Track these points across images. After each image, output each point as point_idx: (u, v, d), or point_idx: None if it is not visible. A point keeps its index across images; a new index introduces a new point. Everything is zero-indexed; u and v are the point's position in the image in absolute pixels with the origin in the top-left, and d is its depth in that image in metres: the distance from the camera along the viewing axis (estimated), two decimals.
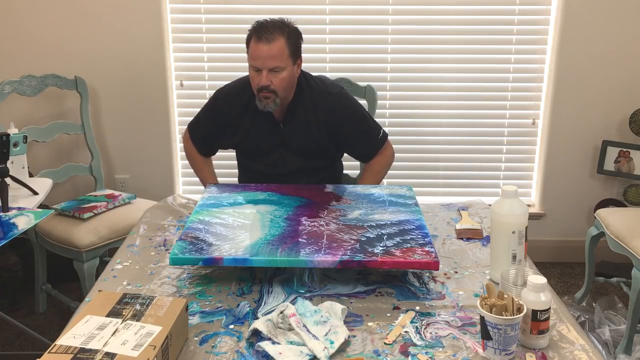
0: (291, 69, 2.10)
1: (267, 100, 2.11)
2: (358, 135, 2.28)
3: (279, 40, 2.04)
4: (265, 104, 2.12)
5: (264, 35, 2.04)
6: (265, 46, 2.03)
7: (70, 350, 1.19)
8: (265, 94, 2.10)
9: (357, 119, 2.27)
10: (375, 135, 2.30)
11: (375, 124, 2.32)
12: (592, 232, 2.78)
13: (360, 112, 2.29)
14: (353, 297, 1.57)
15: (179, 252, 1.61)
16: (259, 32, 2.05)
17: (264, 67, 2.06)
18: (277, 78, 2.08)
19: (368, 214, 1.86)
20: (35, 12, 3.04)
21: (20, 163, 2.32)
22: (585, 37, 3.06)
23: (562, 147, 3.22)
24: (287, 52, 2.07)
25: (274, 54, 2.04)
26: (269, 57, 2.04)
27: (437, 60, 3.16)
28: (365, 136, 2.29)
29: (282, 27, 2.07)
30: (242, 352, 1.35)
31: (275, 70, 2.06)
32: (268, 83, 2.07)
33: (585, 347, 1.36)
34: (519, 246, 1.57)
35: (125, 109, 3.18)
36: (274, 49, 2.04)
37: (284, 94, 2.14)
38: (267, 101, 2.11)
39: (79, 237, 2.52)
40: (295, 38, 2.11)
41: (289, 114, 2.21)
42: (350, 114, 2.25)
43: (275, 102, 2.12)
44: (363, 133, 2.29)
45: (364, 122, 2.28)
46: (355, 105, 2.29)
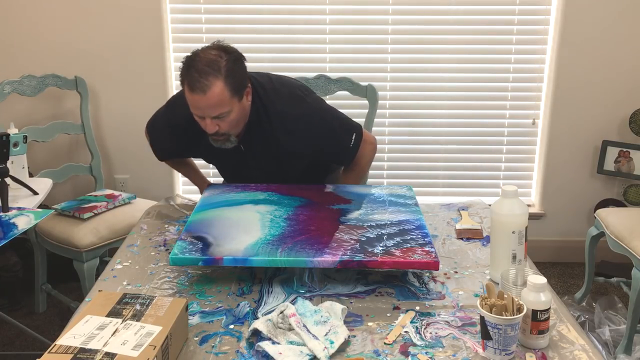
0: (238, 107, 1.85)
1: (221, 142, 1.93)
2: (327, 150, 2.07)
3: (216, 85, 1.76)
4: (220, 144, 1.94)
5: (195, 85, 1.76)
6: (200, 97, 1.77)
7: (70, 350, 1.19)
8: (215, 137, 1.91)
9: (324, 135, 2.01)
10: (347, 145, 2.05)
11: (345, 132, 2.06)
12: (592, 232, 2.78)
13: (326, 126, 2.02)
14: (353, 297, 1.57)
15: (179, 252, 1.62)
16: (189, 78, 1.77)
17: (206, 115, 1.82)
18: (225, 122, 1.84)
19: (368, 214, 1.86)
20: (35, 12, 3.04)
21: (20, 163, 2.32)
22: (585, 37, 3.06)
23: (562, 147, 3.22)
24: (228, 95, 1.79)
25: (214, 102, 1.78)
26: (208, 107, 1.79)
27: (437, 60, 3.16)
28: (335, 148, 2.07)
29: (215, 66, 1.77)
30: (242, 352, 1.35)
31: (220, 116, 1.82)
32: (215, 129, 1.85)
33: (585, 347, 1.36)
34: (519, 246, 1.57)
35: (125, 109, 3.18)
36: (212, 98, 1.77)
37: (238, 130, 1.92)
38: (221, 142, 1.93)
39: (79, 237, 2.52)
40: (236, 71, 1.82)
41: (248, 135, 1.99)
42: (314, 133, 1.99)
43: (231, 141, 1.93)
44: (332, 146, 2.06)
45: (331, 134, 2.03)
46: (322, 117, 2.02)
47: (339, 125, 2.07)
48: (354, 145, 2.07)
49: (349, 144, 2.07)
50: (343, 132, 2.07)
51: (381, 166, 3.30)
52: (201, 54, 1.81)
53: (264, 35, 3.13)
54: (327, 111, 2.07)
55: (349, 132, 2.07)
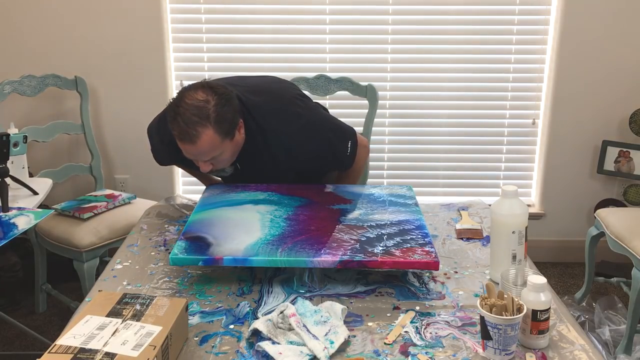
0: (231, 145, 1.82)
1: (215, 173, 2.00)
2: (324, 162, 2.06)
3: (205, 134, 1.72)
4: (215, 174, 2.03)
5: (184, 136, 1.72)
6: (190, 146, 1.74)
7: (70, 350, 1.19)
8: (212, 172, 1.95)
9: (320, 148, 1.99)
10: (344, 153, 2.05)
11: (340, 140, 2.03)
12: (592, 232, 2.78)
13: (322, 138, 1.98)
14: (353, 297, 1.57)
15: (179, 252, 1.62)
16: (178, 131, 1.72)
17: (200, 160, 1.82)
18: (218, 161, 1.83)
19: (368, 214, 1.86)
20: (35, 12, 3.04)
21: (20, 163, 2.32)
22: (585, 37, 3.06)
23: (562, 147, 3.22)
24: (219, 139, 1.75)
25: (205, 150, 1.76)
26: (200, 154, 1.78)
27: (437, 60, 3.16)
28: (332, 159, 2.06)
29: (203, 114, 1.71)
30: (242, 352, 1.35)
31: (212, 159, 1.82)
32: (209, 168, 1.84)
33: (585, 347, 1.36)
34: (519, 246, 1.57)
35: (125, 109, 3.18)
36: (202, 146, 1.74)
37: (231, 161, 1.90)
38: (215, 173, 2.01)
39: (79, 237, 2.52)
40: (224, 115, 1.75)
41: (243, 155, 1.94)
42: (311, 149, 1.97)
43: (226, 171, 1.97)
44: (329, 158, 2.05)
45: (328, 146, 2.01)
46: (319, 131, 1.98)
47: (334, 136, 2.03)
48: (350, 153, 2.07)
49: (346, 152, 2.06)
50: (339, 142, 2.04)
51: (381, 166, 3.30)
52: (188, 100, 1.73)
53: (264, 35, 3.13)
54: (323, 122, 2.03)
55: (345, 141, 2.05)
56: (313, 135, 1.97)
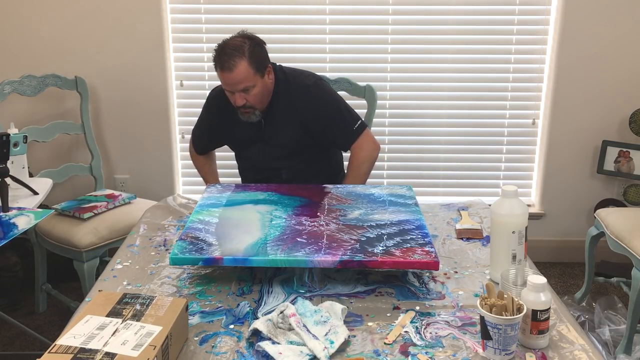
0: (261, 82, 2.18)
1: (247, 114, 2.22)
2: (332, 125, 2.30)
3: (241, 64, 2.10)
4: (247, 117, 2.24)
5: (225, 65, 2.10)
6: (228, 74, 2.11)
7: (70, 350, 1.19)
8: (243, 110, 2.21)
9: (331, 109, 2.29)
10: (350, 125, 2.31)
11: (351, 115, 2.33)
12: (592, 232, 2.78)
13: (334, 102, 2.31)
14: (353, 297, 1.57)
15: (179, 252, 1.62)
16: (220, 60, 2.12)
17: (234, 90, 2.15)
18: (251, 95, 2.16)
19: (368, 214, 1.86)
20: (35, 12, 3.04)
21: (20, 163, 2.32)
22: (585, 37, 3.06)
23: (562, 147, 3.22)
24: (252, 71, 2.13)
25: (240, 78, 2.12)
26: (235, 83, 2.13)
27: (437, 60, 3.16)
28: (339, 126, 2.31)
29: (240, 49, 2.11)
30: (242, 352, 1.35)
31: (246, 89, 2.15)
32: (243, 102, 2.17)
33: (585, 347, 1.36)
34: (519, 246, 1.57)
35: (125, 109, 3.18)
36: (238, 74, 2.11)
37: (262, 105, 2.23)
38: (247, 115, 2.23)
39: (79, 237, 2.52)
40: (257, 53, 2.15)
41: (270, 112, 2.28)
42: (323, 104, 2.29)
43: (256, 114, 2.23)
44: (336, 123, 2.30)
45: (337, 112, 2.30)
46: (329, 95, 2.32)
47: (346, 109, 2.33)
48: (357, 129, 2.31)
49: (352, 127, 2.31)
50: (349, 114, 2.32)
51: (381, 166, 3.30)
52: (229, 41, 2.16)
53: (264, 35, 3.08)
54: (337, 95, 2.36)
55: (355, 118, 2.33)
56: (326, 95, 2.31)
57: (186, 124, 3.23)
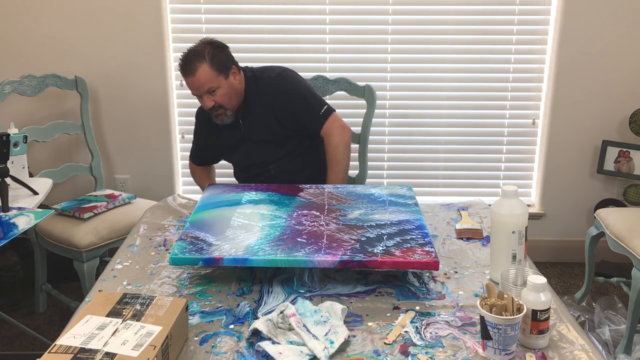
0: (226, 83, 2.24)
1: (220, 116, 2.29)
2: (298, 111, 2.34)
3: (201, 68, 2.18)
4: (221, 120, 2.30)
5: (187, 70, 2.19)
6: (191, 78, 2.20)
7: (70, 350, 1.19)
8: (215, 112, 2.27)
9: (296, 96, 2.34)
10: (317, 110, 2.35)
11: (316, 101, 2.38)
12: (592, 232, 2.78)
13: (299, 89, 2.37)
14: (353, 297, 1.57)
15: (179, 252, 1.62)
16: (182, 67, 2.21)
17: (200, 93, 2.23)
18: (217, 96, 2.23)
19: (368, 214, 1.86)
20: (35, 12, 3.04)
21: (20, 163, 2.32)
22: (585, 37, 3.06)
23: (562, 147, 3.22)
24: (214, 73, 2.20)
25: (202, 81, 2.19)
26: (199, 86, 2.21)
27: (437, 60, 3.16)
28: (305, 111, 2.35)
29: (200, 54, 2.20)
30: (242, 352, 1.35)
31: (212, 91, 2.22)
32: (212, 103, 2.24)
33: (585, 347, 1.36)
34: (519, 246, 1.57)
35: (125, 109, 3.18)
36: (200, 77, 2.19)
37: (232, 105, 2.29)
38: (220, 117, 2.29)
39: (79, 237, 2.52)
40: (218, 56, 2.22)
41: (246, 111, 2.35)
42: (288, 92, 2.34)
43: (228, 115, 2.30)
44: (303, 109, 2.35)
45: (302, 98, 2.35)
46: (294, 83, 2.38)
47: (312, 95, 2.39)
48: (323, 113, 2.36)
49: (319, 112, 2.36)
50: (314, 100, 2.38)
51: (381, 166, 3.30)
52: (190, 48, 2.24)
53: (264, 35, 3.13)
54: (303, 83, 2.42)
55: (321, 103, 2.38)
56: (291, 84, 2.37)
57: (186, 124, 3.23)
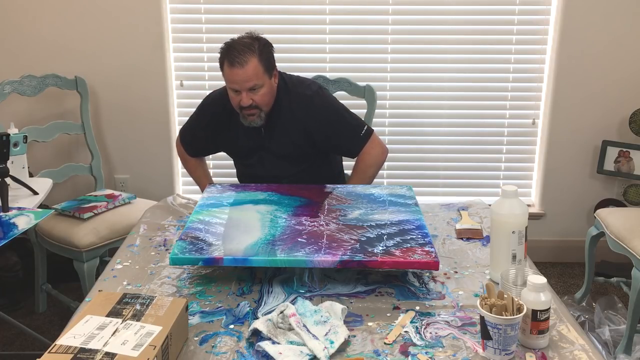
0: (269, 83, 2.14)
1: (252, 117, 2.16)
2: (338, 134, 2.27)
3: (252, 61, 2.06)
4: (250, 121, 2.17)
5: (236, 60, 2.06)
6: (239, 70, 2.06)
7: (70, 350, 1.19)
8: (248, 111, 2.14)
9: (335, 118, 2.26)
10: (357, 132, 2.27)
11: (356, 121, 2.30)
12: (592, 232, 2.78)
13: (338, 111, 2.28)
14: (353, 297, 1.57)
15: (179, 252, 1.62)
16: (230, 56, 2.07)
17: (242, 89, 2.10)
18: (258, 95, 2.12)
19: (368, 214, 1.86)
20: (35, 12, 3.04)
21: (20, 163, 2.32)
22: (585, 37, 3.06)
23: (562, 147, 3.22)
24: (261, 69, 2.09)
25: (250, 75, 2.07)
26: (245, 80, 2.08)
27: (437, 60, 3.16)
28: (345, 134, 2.27)
29: (251, 46, 2.08)
30: (242, 352, 1.35)
31: (254, 88, 2.10)
32: (250, 102, 2.11)
33: (585, 347, 1.36)
34: (519, 246, 1.57)
35: (125, 109, 3.18)
36: (249, 71, 2.06)
37: (267, 108, 2.18)
38: (252, 117, 2.16)
39: (79, 237, 2.52)
40: (267, 53, 2.12)
41: (270, 119, 2.22)
42: (326, 113, 2.25)
43: (261, 117, 2.17)
44: (342, 131, 2.27)
45: (342, 120, 2.27)
46: (332, 104, 2.29)
47: (351, 116, 2.30)
48: (364, 135, 2.27)
49: (359, 133, 2.27)
50: (354, 121, 2.30)
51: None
52: (237, 40, 2.12)
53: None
54: (339, 103, 2.33)
55: (360, 125, 2.29)
56: (329, 104, 2.28)
57: None
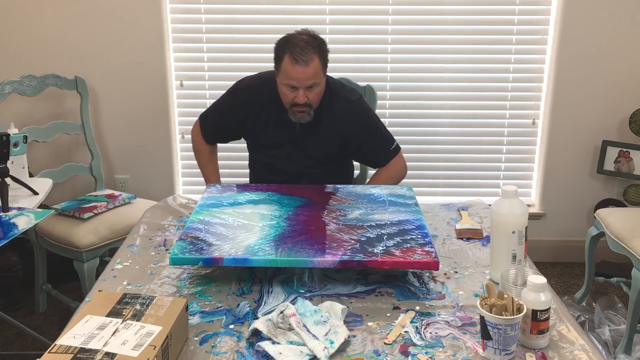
0: (323, 81, 2.16)
1: (302, 114, 2.17)
2: (371, 143, 2.31)
3: (315, 59, 2.07)
4: (299, 117, 2.18)
5: (300, 58, 2.05)
6: (302, 68, 2.06)
7: (70, 350, 1.19)
8: (300, 108, 2.15)
9: (372, 128, 2.30)
10: (388, 146, 2.32)
11: (389, 135, 2.34)
12: (592, 232, 2.78)
13: (376, 122, 2.32)
14: (353, 297, 1.57)
15: (179, 252, 1.62)
16: (294, 53, 2.06)
17: (302, 86, 2.10)
18: (313, 93, 2.13)
19: (368, 214, 1.86)
20: (35, 12, 3.04)
21: (20, 163, 2.32)
22: (585, 37, 3.06)
23: (562, 147, 3.22)
24: (320, 68, 2.11)
25: (311, 74, 2.08)
26: (307, 78, 2.08)
27: (437, 60, 3.16)
28: (377, 145, 2.32)
29: (314, 44, 2.08)
30: (242, 352, 1.35)
31: (311, 86, 2.11)
32: (305, 100, 2.12)
33: (585, 347, 1.36)
34: (519, 246, 1.57)
35: (125, 109, 3.18)
36: (312, 69, 2.07)
37: (316, 105, 2.19)
38: (301, 114, 2.17)
39: (79, 237, 2.52)
40: (325, 52, 2.14)
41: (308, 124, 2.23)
42: (365, 121, 2.29)
43: (310, 114, 2.18)
44: (375, 142, 2.31)
45: (378, 131, 2.31)
46: (372, 114, 2.34)
47: (385, 129, 2.35)
48: (393, 150, 2.33)
49: (390, 147, 2.32)
50: (387, 134, 2.34)
51: None
52: (297, 36, 2.11)
53: (264, 35, 3.13)
54: (377, 116, 2.38)
55: (392, 139, 2.35)
56: (369, 114, 2.33)
57: (186, 124, 3.23)
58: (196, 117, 2.48)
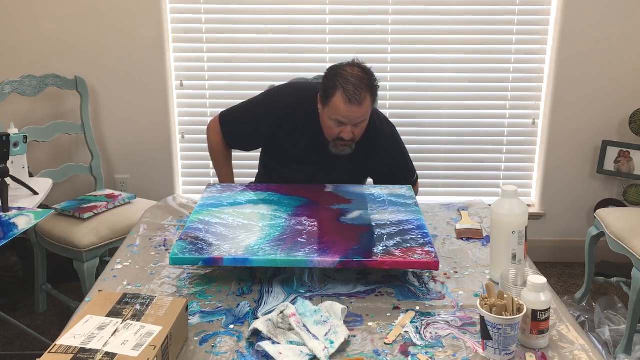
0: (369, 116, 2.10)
1: (344, 147, 2.12)
2: (395, 175, 2.27)
3: (367, 99, 2.00)
4: (341, 150, 2.13)
5: (354, 98, 1.97)
6: (356, 108, 1.99)
7: (70, 350, 1.19)
8: (344, 142, 2.09)
9: (401, 163, 2.31)
10: (410, 177, 2.32)
11: (412, 168, 2.35)
12: (592, 232, 2.78)
13: (405, 154, 2.33)
14: (353, 297, 1.57)
15: (179, 252, 1.62)
16: (347, 92, 1.97)
17: (352, 123, 2.03)
18: (359, 129, 2.07)
19: (368, 214, 1.86)
20: (35, 12, 3.04)
21: (20, 163, 2.32)
22: (585, 37, 3.06)
23: (562, 147, 3.22)
24: (371, 106, 2.05)
25: (363, 113, 2.02)
26: (358, 117, 2.02)
27: (437, 60, 3.16)
28: (401, 177, 2.27)
29: (367, 82, 2.00)
30: (242, 352, 1.35)
31: (359, 124, 2.05)
32: (351, 136, 2.06)
33: (585, 347, 1.36)
34: (519, 246, 1.57)
35: (125, 109, 3.18)
36: (364, 109, 2.01)
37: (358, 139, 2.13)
38: (344, 148, 2.12)
39: (79, 237, 2.52)
40: (376, 88, 2.05)
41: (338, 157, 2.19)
42: (398, 159, 2.29)
43: (352, 147, 2.13)
44: (400, 173, 2.29)
45: (404, 164, 2.32)
46: (403, 147, 2.32)
47: (411, 161, 2.36)
48: (414, 181, 2.34)
49: (411, 178, 2.33)
50: (411, 167, 2.36)
51: None
52: (349, 70, 2.02)
53: (264, 35, 3.13)
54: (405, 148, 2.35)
55: (414, 171, 2.37)
56: (400, 148, 2.31)
57: (186, 124, 3.23)
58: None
